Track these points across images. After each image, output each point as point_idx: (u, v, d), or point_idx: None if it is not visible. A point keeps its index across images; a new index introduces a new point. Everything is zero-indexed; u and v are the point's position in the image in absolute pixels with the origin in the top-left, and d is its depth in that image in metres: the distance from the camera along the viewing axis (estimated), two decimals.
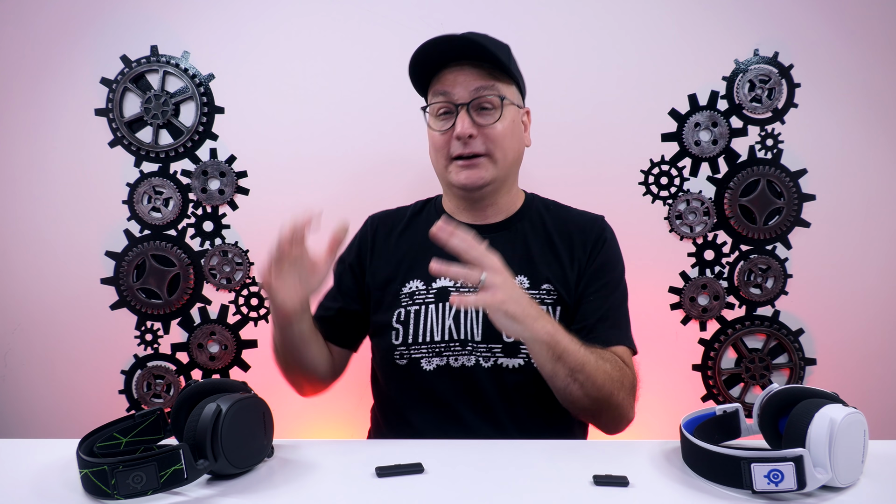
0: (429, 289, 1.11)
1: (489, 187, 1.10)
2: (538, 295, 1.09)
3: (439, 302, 1.09)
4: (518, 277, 1.10)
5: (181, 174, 1.65)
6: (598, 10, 1.61)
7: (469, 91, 1.07)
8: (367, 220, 1.25)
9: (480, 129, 1.07)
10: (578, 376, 0.93)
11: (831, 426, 0.68)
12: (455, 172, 1.09)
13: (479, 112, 1.08)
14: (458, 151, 1.08)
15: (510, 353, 1.06)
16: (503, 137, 1.09)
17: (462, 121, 1.06)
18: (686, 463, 0.78)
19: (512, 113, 1.11)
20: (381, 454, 0.81)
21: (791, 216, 1.62)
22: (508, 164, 1.12)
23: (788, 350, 1.65)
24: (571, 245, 1.13)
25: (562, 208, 1.21)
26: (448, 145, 1.09)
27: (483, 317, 1.08)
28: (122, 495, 0.67)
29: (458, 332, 1.07)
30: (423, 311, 1.09)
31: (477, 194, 1.11)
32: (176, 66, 1.62)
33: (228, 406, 0.72)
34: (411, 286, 1.12)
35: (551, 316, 1.05)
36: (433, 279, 1.11)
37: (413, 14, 1.61)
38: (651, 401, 1.67)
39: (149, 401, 1.67)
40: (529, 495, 0.71)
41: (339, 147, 1.63)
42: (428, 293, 1.10)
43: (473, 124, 1.06)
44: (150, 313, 1.66)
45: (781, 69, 1.61)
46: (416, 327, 1.09)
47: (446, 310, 1.09)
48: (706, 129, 1.63)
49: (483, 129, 1.07)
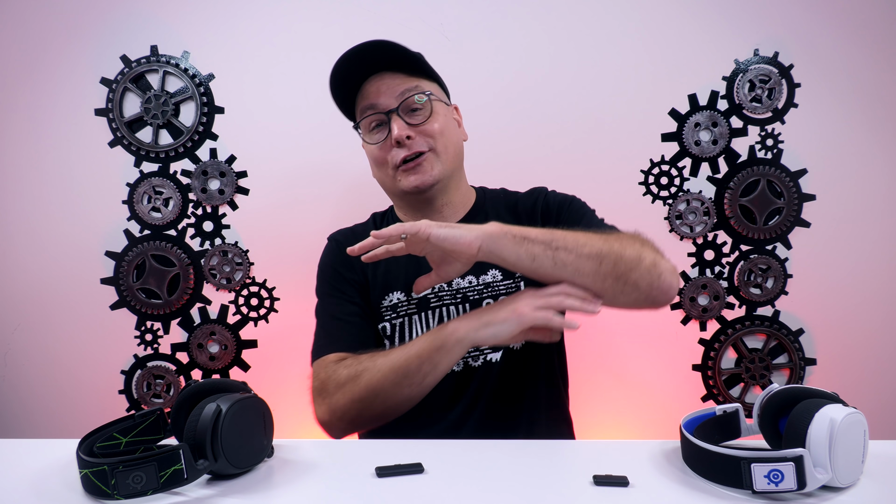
0: (409, 300, 1.11)
1: (439, 184, 1.10)
2: (513, 283, 1.10)
3: (422, 311, 1.10)
4: (490, 272, 1.10)
5: (181, 174, 1.65)
6: (599, 10, 1.61)
7: (395, 96, 1.07)
8: (332, 241, 1.21)
9: (416, 129, 1.07)
10: (558, 243, 0.88)
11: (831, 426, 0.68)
12: (404, 178, 1.08)
13: (409, 114, 1.08)
14: (400, 156, 1.07)
15: (497, 346, 1.08)
16: (440, 133, 1.09)
17: (396, 124, 1.06)
18: (686, 463, 0.78)
19: (442, 109, 1.12)
20: (381, 454, 0.81)
21: (791, 216, 1.62)
22: (451, 157, 1.11)
23: (788, 350, 1.65)
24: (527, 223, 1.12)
25: (510, 194, 1.22)
26: (388, 155, 1.09)
27: None
28: (122, 495, 0.67)
29: None
30: (407, 323, 1.10)
31: (429, 194, 1.11)
32: (176, 66, 1.62)
33: (228, 406, 0.72)
34: (391, 298, 1.12)
35: None
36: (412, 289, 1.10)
37: (413, 15, 1.61)
38: (651, 401, 1.67)
39: (149, 401, 1.67)
40: (529, 495, 0.71)
41: (339, 147, 1.63)
42: (409, 304, 1.11)
43: (408, 126, 1.07)
44: (150, 313, 1.66)
45: (781, 69, 1.61)
46: (401, 340, 1.09)
47: (429, 318, 1.10)
48: (706, 129, 1.63)
49: (418, 129, 1.07)
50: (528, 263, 0.89)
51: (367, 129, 1.11)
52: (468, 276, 1.10)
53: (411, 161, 1.07)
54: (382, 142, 1.09)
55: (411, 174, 1.08)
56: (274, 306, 1.67)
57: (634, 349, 1.65)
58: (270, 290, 1.66)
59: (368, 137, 1.11)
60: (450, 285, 1.11)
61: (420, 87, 1.09)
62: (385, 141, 1.08)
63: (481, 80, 1.61)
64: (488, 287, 1.10)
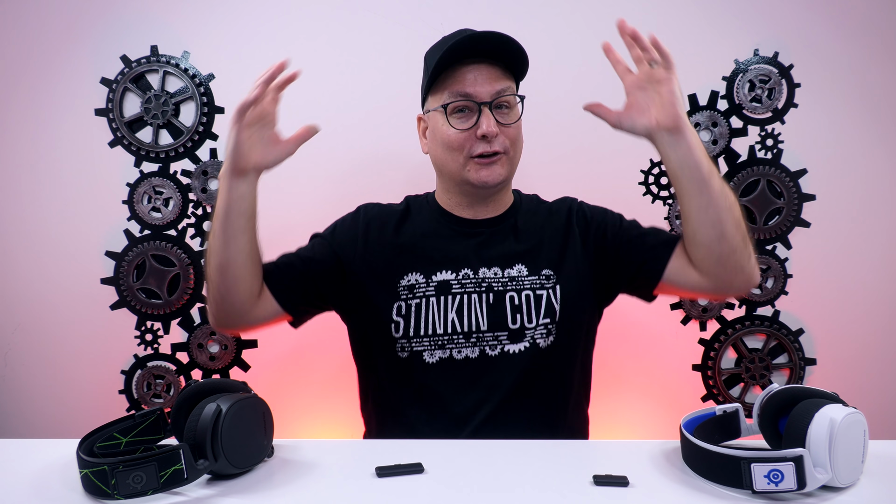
0: (429, 282, 1.11)
1: (502, 185, 1.12)
2: (538, 280, 1.10)
3: (440, 295, 1.10)
4: (516, 266, 1.11)
5: (181, 174, 1.65)
6: (599, 10, 1.61)
7: (491, 91, 1.07)
8: (360, 210, 1.23)
9: (502, 129, 1.08)
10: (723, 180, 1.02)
11: (831, 426, 0.68)
12: (474, 170, 1.09)
13: (499, 111, 1.09)
14: (480, 150, 1.07)
15: (516, 339, 1.08)
16: (517, 138, 1.11)
17: (488, 120, 1.06)
18: (686, 463, 0.78)
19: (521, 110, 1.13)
20: (381, 454, 0.81)
21: (791, 216, 1.62)
22: (516, 163, 1.14)
23: (788, 350, 1.65)
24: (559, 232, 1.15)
25: (542, 201, 1.24)
26: (467, 144, 1.08)
27: (488, 306, 1.08)
28: (122, 495, 0.68)
29: (462, 325, 1.08)
30: (423, 305, 1.09)
31: (491, 191, 1.12)
32: (176, 66, 1.62)
33: (228, 406, 0.72)
34: (410, 279, 1.11)
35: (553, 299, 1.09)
36: (433, 272, 1.11)
37: (414, 14, 1.61)
38: (651, 401, 1.67)
39: (149, 401, 1.67)
40: (529, 495, 0.71)
41: (339, 146, 1.63)
42: (428, 286, 1.10)
43: (497, 123, 1.07)
44: (150, 313, 1.66)
45: (781, 69, 1.61)
46: (417, 320, 1.09)
47: (448, 302, 1.09)
48: (706, 129, 1.63)
49: (504, 129, 1.08)
50: (704, 172, 1.00)
51: (451, 112, 1.09)
52: (494, 268, 1.11)
53: (487, 157, 1.08)
54: (467, 130, 1.08)
55: (483, 169, 1.08)
56: None
57: (634, 349, 1.65)
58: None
59: (453, 121, 1.09)
60: (476, 274, 1.10)
61: (513, 88, 1.10)
62: (469, 130, 1.08)
63: None
64: (513, 280, 1.10)
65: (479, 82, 1.07)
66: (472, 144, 1.08)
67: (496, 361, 1.08)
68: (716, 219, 1.00)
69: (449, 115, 1.09)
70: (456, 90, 1.08)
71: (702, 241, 1.02)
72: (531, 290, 1.09)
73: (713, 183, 0.99)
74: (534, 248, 1.13)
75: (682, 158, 1.00)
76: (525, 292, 1.09)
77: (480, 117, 1.06)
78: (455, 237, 1.15)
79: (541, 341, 1.08)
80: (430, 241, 1.14)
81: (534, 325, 1.08)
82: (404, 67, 1.63)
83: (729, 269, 1.02)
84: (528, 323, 1.08)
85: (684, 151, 0.99)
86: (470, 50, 1.07)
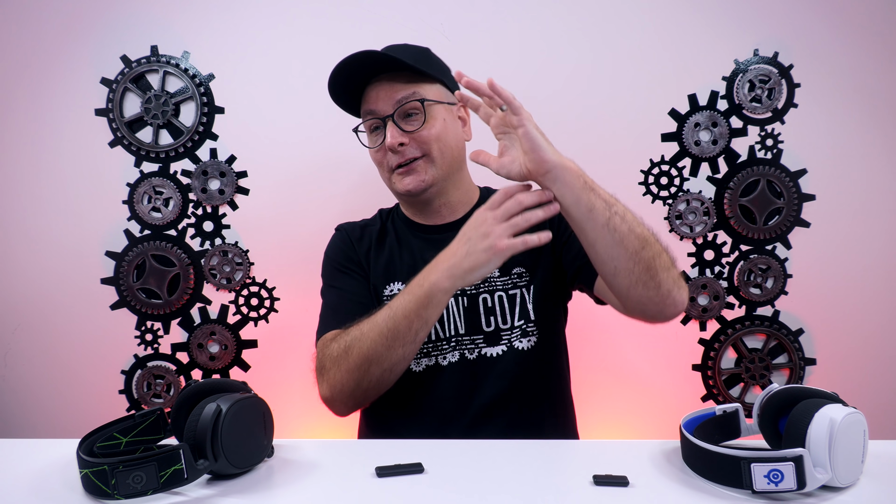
0: None
1: (434, 188, 1.12)
2: (510, 280, 1.11)
3: None
4: None
5: (181, 174, 1.65)
6: (599, 10, 1.61)
7: (391, 102, 1.09)
8: (340, 230, 1.24)
9: (410, 136, 1.09)
10: (616, 209, 0.90)
11: (831, 426, 0.68)
12: (398, 181, 1.11)
13: (405, 120, 1.10)
14: (394, 162, 1.10)
15: (492, 342, 1.09)
16: (435, 138, 1.10)
17: (389, 131, 1.08)
18: (686, 463, 0.78)
19: (441, 112, 1.12)
20: (381, 454, 0.81)
21: (791, 216, 1.62)
22: (447, 161, 1.12)
23: (788, 350, 1.65)
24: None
25: None
26: (384, 159, 1.11)
27: (464, 309, 1.10)
28: (122, 495, 0.68)
29: (443, 330, 1.09)
30: None
31: (423, 197, 1.13)
32: (176, 66, 1.62)
33: (228, 406, 0.72)
34: (392, 288, 1.14)
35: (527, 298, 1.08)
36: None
37: (414, 15, 1.61)
38: (651, 401, 1.67)
39: (149, 401, 1.67)
40: (529, 495, 0.71)
41: (339, 146, 1.63)
42: None
43: (402, 133, 1.08)
44: (150, 313, 1.66)
45: (781, 69, 1.61)
46: None
47: None
48: (706, 129, 1.63)
49: (413, 135, 1.09)
50: (583, 211, 0.89)
51: (368, 132, 1.14)
52: None
53: (404, 166, 1.10)
54: (380, 146, 1.11)
55: (405, 177, 1.10)
56: (274, 306, 1.67)
57: (634, 349, 1.65)
58: (270, 290, 1.66)
59: (368, 140, 1.14)
60: None
61: (417, 92, 1.09)
62: (382, 145, 1.10)
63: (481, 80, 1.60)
64: (486, 282, 1.11)
65: (381, 97, 1.09)
66: (388, 158, 1.10)
67: (475, 365, 1.09)
68: (606, 255, 0.92)
69: (366, 135, 1.14)
70: (365, 109, 1.12)
71: (600, 273, 0.96)
72: (503, 291, 1.10)
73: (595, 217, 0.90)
74: None
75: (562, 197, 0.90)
76: (497, 293, 1.10)
77: (385, 131, 1.09)
78: (423, 244, 1.16)
79: (519, 343, 1.09)
80: (404, 252, 1.16)
81: (509, 326, 1.09)
82: None
83: (636, 300, 0.95)
84: (502, 325, 1.09)
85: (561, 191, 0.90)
86: (369, 68, 1.09)
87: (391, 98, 1.09)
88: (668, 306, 0.96)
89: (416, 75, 1.10)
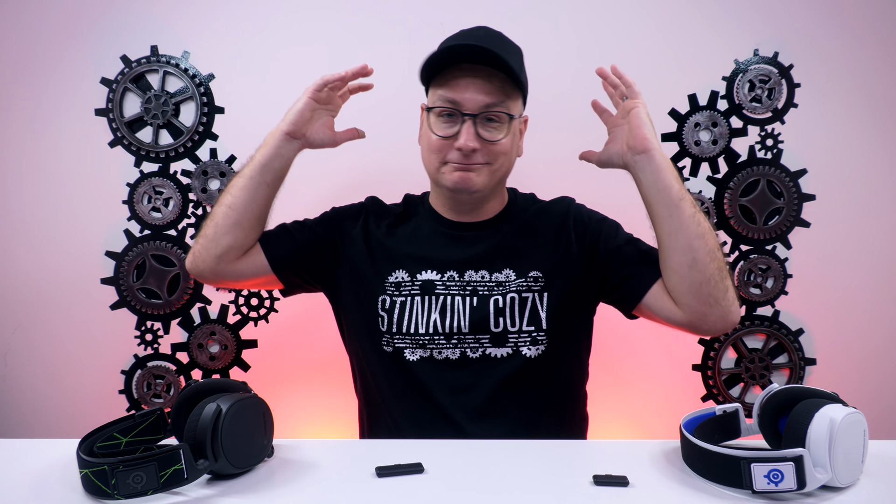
0: (413, 280, 1.11)
1: (479, 194, 1.10)
2: (525, 282, 1.10)
3: (424, 295, 1.10)
4: (504, 271, 1.11)
5: (181, 174, 1.65)
6: (599, 10, 1.61)
7: (479, 104, 1.05)
8: (367, 201, 1.25)
9: (483, 143, 1.06)
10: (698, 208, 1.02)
11: (831, 426, 0.68)
12: (448, 173, 1.08)
13: (484, 124, 1.06)
14: (456, 160, 1.07)
15: (498, 343, 1.08)
16: (504, 152, 1.09)
17: (468, 133, 1.04)
18: (686, 463, 0.78)
19: (516, 126, 1.11)
20: (381, 454, 0.81)
21: (791, 216, 1.62)
22: (502, 174, 1.12)
23: (788, 350, 1.65)
24: (552, 232, 1.15)
25: (537, 200, 1.23)
26: (445, 150, 1.07)
27: (472, 309, 1.08)
28: (122, 495, 0.68)
29: (444, 326, 1.08)
30: (408, 303, 1.10)
31: (465, 197, 1.11)
32: (176, 66, 1.62)
33: (228, 406, 0.72)
34: (396, 276, 1.12)
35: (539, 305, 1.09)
36: (418, 271, 1.11)
37: (414, 14, 1.61)
38: (651, 401, 1.67)
39: (149, 401, 1.67)
40: (529, 495, 0.71)
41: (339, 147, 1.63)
42: (413, 284, 1.11)
43: (477, 138, 1.05)
44: (150, 313, 1.66)
45: (781, 69, 1.61)
46: (399, 318, 1.09)
47: (431, 303, 1.09)
48: (706, 129, 1.63)
49: (485, 144, 1.06)
50: (674, 199, 1.00)
51: (436, 115, 1.08)
52: (481, 271, 1.11)
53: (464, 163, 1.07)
54: (447, 138, 1.06)
55: (457, 172, 1.07)
56: (274, 306, 1.67)
57: (634, 349, 1.65)
58: (270, 290, 1.66)
59: (435, 124, 1.08)
60: (461, 276, 1.11)
61: (506, 104, 1.06)
62: (449, 139, 1.06)
63: None
64: (500, 285, 1.10)
65: (470, 91, 1.05)
66: (450, 152, 1.07)
67: (476, 364, 1.08)
68: (686, 245, 0.99)
69: (434, 118, 1.08)
70: (445, 95, 1.06)
71: (673, 267, 1.01)
72: (516, 293, 1.09)
73: (684, 207, 0.99)
74: (523, 250, 1.13)
75: (652, 180, 1.00)
76: (510, 295, 1.09)
77: (462, 128, 1.05)
78: (445, 239, 1.15)
79: (526, 350, 1.08)
80: (419, 242, 1.15)
81: (517, 329, 1.08)
82: (404, 67, 1.63)
83: (702, 301, 1.00)
84: (511, 326, 1.08)
85: (653, 173, 0.99)
86: (469, 56, 1.05)
87: (481, 99, 1.04)
88: (731, 314, 1.02)
89: (508, 83, 1.07)
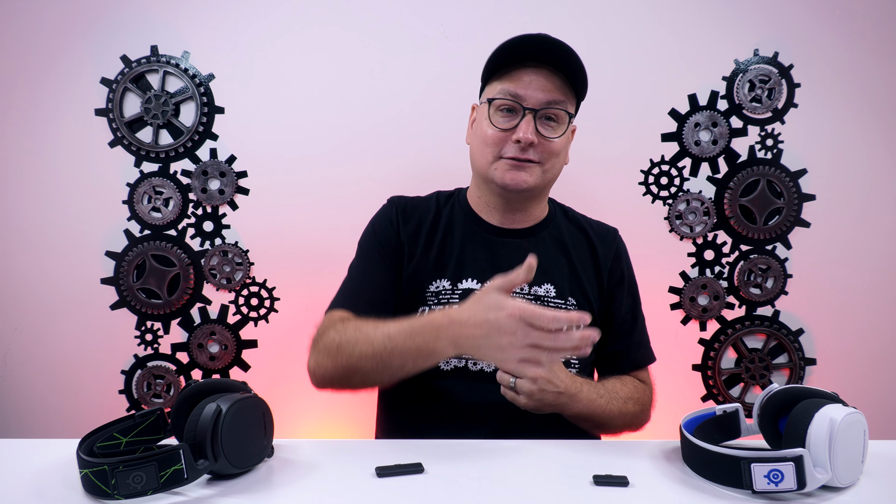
0: (454, 289, 1.10)
1: (528, 193, 1.09)
2: (564, 306, 1.10)
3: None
4: (545, 285, 1.10)
5: (181, 174, 1.65)
6: (599, 10, 1.61)
7: (542, 99, 1.04)
8: (391, 204, 1.19)
9: (541, 140, 1.05)
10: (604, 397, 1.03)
11: (831, 426, 0.68)
12: (501, 170, 1.07)
13: (543, 122, 1.06)
14: (513, 154, 1.06)
15: None
16: (557, 152, 1.08)
17: (527, 126, 1.04)
18: (686, 463, 0.78)
19: (569, 129, 1.11)
20: (381, 454, 0.81)
21: (791, 216, 1.62)
22: (552, 176, 1.11)
23: (788, 350, 1.65)
24: (589, 257, 1.16)
25: (579, 217, 1.22)
26: (501, 144, 1.06)
27: None
28: (122, 495, 0.67)
29: None
30: None
31: (514, 196, 1.10)
32: (176, 66, 1.62)
33: (228, 406, 0.72)
34: (437, 285, 1.10)
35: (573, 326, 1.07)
36: (459, 279, 1.10)
37: (413, 15, 1.61)
38: None
39: (149, 401, 1.67)
40: (529, 495, 0.71)
41: (340, 147, 1.64)
42: (453, 294, 1.09)
43: (538, 134, 1.05)
44: (150, 313, 1.66)
45: (781, 69, 1.61)
46: None
47: None
48: (706, 129, 1.63)
49: (543, 140, 1.06)
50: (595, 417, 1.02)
51: (496, 107, 1.07)
52: None
53: (518, 161, 1.06)
54: (506, 131, 1.06)
55: (511, 170, 1.06)
56: (274, 306, 1.67)
57: None
58: (270, 290, 1.66)
59: (494, 117, 1.07)
60: None
61: (567, 103, 1.07)
62: (508, 132, 1.06)
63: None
64: (539, 300, 1.09)
65: (533, 87, 1.04)
66: (506, 146, 1.06)
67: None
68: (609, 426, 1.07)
69: (494, 110, 1.07)
70: (507, 89, 1.06)
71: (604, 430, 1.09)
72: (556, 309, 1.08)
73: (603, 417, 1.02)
74: (564, 269, 1.12)
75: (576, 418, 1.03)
76: None
77: (521, 121, 1.04)
78: (485, 245, 1.13)
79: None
80: (459, 247, 1.12)
81: None
82: (404, 67, 1.63)
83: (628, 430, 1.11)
84: None
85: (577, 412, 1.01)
86: (535, 52, 1.05)
87: (544, 95, 1.04)
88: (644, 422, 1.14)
89: (569, 83, 1.07)
